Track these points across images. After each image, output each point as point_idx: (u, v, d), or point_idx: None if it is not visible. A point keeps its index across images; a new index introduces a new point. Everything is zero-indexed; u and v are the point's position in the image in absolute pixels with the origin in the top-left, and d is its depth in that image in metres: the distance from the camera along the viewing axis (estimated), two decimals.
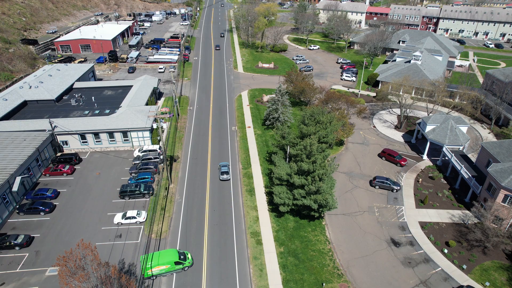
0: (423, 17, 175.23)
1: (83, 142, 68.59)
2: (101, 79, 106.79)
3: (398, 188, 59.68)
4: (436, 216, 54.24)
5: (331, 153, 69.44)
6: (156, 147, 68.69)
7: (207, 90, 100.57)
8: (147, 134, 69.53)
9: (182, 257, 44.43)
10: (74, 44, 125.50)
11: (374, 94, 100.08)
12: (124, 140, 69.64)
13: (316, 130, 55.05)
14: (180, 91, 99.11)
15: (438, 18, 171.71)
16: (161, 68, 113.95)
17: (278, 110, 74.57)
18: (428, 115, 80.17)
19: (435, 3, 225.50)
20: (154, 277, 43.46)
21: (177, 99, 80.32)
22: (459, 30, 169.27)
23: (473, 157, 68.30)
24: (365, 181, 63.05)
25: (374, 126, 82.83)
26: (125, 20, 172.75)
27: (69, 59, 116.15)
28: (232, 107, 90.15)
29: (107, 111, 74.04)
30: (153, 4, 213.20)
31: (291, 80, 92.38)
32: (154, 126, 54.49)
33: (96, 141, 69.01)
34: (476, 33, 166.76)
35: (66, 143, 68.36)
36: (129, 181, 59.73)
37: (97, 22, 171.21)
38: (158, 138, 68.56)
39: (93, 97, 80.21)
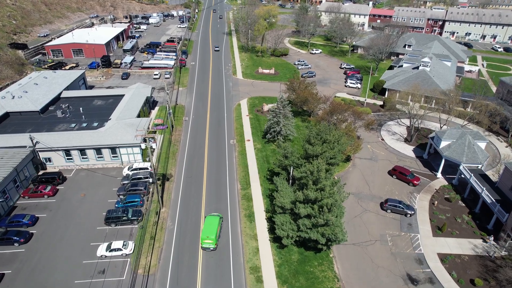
0: (428, 19, 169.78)
1: (68, 159, 63.08)
2: (92, 86, 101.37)
3: (412, 212, 54.16)
4: (456, 246, 48.69)
5: (338, 170, 63.99)
6: (147, 164, 63.14)
7: (204, 99, 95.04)
8: (137, 150, 64.00)
9: (217, 214, 52.13)
10: (65, 49, 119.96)
11: (381, 103, 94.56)
12: (113, 156, 64.13)
13: (323, 151, 49.55)
14: (175, 100, 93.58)
15: (444, 21, 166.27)
16: (156, 74, 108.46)
17: (279, 123, 69.05)
18: (440, 127, 74.70)
19: (439, 5, 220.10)
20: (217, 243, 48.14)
21: (170, 111, 74.81)
22: (466, 33, 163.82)
23: (492, 176, 62.58)
24: (375, 203, 57.55)
25: (383, 139, 77.33)
26: (121, 22, 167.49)
27: (59, 65, 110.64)
28: (231, 118, 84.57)
29: (95, 124, 68.55)
30: (150, 6, 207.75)
31: (293, 88, 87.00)
32: (143, 146, 49.17)
33: (83, 158, 63.48)
34: (483, 36, 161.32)
35: (49, 160, 62.86)
36: (116, 205, 54.19)
37: (92, 24, 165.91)
38: (148, 158, 62.85)
39: (81, 108, 74.62)
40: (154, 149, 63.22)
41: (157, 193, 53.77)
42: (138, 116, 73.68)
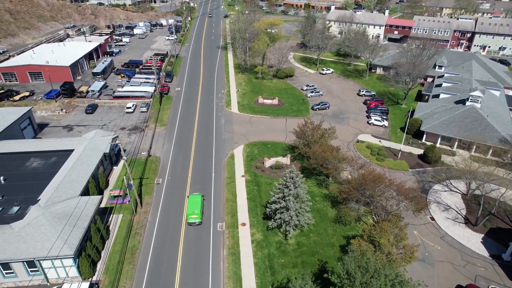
0: (455, 31, 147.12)
1: None
2: (46, 125, 78.78)
3: None
4: None
5: None
6: (86, 285, 40.53)
7: (187, 146, 72.15)
8: (70, 262, 41.22)
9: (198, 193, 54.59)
10: (20, 72, 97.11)
11: (421, 151, 71.65)
12: (31, 271, 41.42)
13: None
14: (149, 148, 70.67)
15: (473, 33, 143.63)
16: (130, 108, 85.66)
17: (289, 209, 46.24)
18: None
19: (460, 12, 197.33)
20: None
21: (132, 181, 51.89)
22: (500, 48, 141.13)
23: None
24: None
25: (433, 218, 54.67)
26: (101, 34, 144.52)
27: (7, 94, 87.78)
28: (220, 181, 61.71)
29: (15, 209, 45.85)
30: (137, 13, 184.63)
31: (305, 137, 64.48)
32: None
33: None
34: None
35: None
36: None
37: (67, 36, 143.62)
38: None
39: (2, 177, 51.88)
40: None
41: None
42: (86, 190, 51.02)
